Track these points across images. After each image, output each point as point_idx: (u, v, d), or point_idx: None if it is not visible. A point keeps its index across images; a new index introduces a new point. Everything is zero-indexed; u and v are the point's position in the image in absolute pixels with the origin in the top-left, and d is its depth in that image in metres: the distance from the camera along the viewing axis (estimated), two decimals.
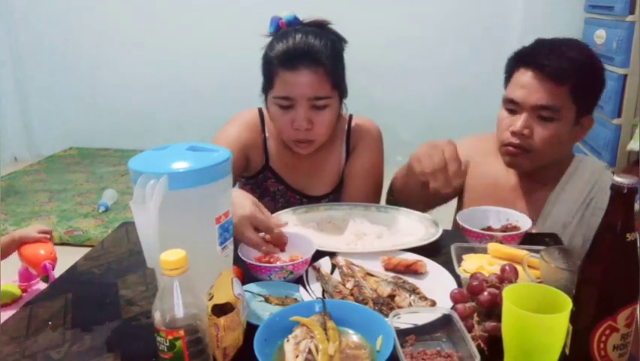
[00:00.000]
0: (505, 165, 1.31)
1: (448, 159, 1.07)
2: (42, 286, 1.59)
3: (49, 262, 1.47)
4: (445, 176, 1.07)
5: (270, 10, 1.33)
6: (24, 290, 1.60)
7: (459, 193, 1.45)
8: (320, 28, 1.28)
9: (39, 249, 1.50)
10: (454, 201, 1.49)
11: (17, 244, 1.51)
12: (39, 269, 1.48)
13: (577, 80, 1.18)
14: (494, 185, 1.37)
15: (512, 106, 1.24)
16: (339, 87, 1.27)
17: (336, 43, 1.27)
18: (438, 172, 1.06)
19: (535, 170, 1.30)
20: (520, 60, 1.24)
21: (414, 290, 0.92)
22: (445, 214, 1.48)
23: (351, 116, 1.45)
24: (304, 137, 1.26)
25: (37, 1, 4.15)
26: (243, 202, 0.99)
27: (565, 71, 1.17)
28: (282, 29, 1.28)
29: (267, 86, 1.28)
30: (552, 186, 1.31)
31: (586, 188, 1.29)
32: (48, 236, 1.55)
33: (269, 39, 1.30)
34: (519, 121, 1.22)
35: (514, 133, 1.23)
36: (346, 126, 1.43)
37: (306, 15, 1.31)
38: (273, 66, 1.23)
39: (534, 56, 1.22)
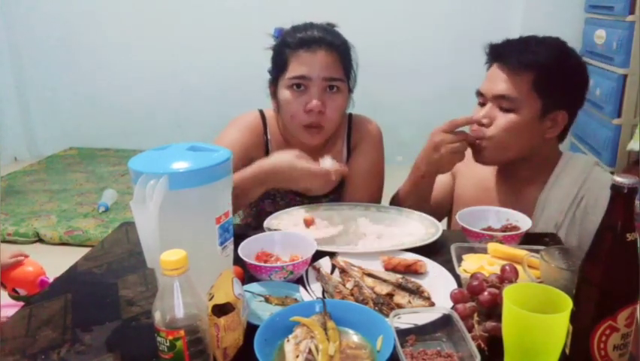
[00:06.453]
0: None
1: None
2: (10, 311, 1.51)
3: (45, 276, 1.43)
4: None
5: (270, 10, 1.34)
6: None
7: (452, 200, 1.46)
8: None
9: (26, 268, 1.44)
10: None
11: None
12: (35, 286, 1.42)
13: (540, 72, 1.18)
14: (484, 188, 1.37)
15: (481, 99, 1.28)
16: (349, 77, 1.32)
17: (347, 42, 1.34)
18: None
19: (519, 168, 1.29)
20: (490, 54, 1.28)
21: (417, 289, 0.92)
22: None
23: (351, 115, 1.45)
24: (316, 120, 1.27)
25: (37, 1, 4.15)
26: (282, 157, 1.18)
27: (524, 63, 1.19)
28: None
29: (279, 72, 1.30)
30: (541, 186, 1.29)
31: (575, 185, 1.26)
32: (22, 258, 1.48)
33: (271, 43, 1.33)
34: (482, 111, 1.25)
35: (475, 122, 1.26)
36: (347, 125, 1.43)
37: (306, 16, 1.33)
38: (289, 49, 1.27)
39: (500, 49, 1.25)
